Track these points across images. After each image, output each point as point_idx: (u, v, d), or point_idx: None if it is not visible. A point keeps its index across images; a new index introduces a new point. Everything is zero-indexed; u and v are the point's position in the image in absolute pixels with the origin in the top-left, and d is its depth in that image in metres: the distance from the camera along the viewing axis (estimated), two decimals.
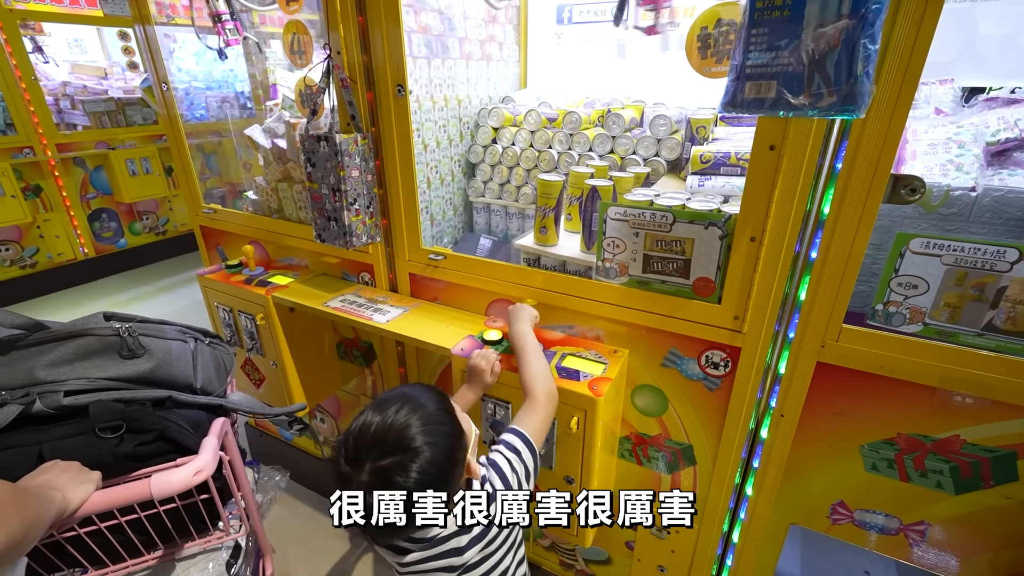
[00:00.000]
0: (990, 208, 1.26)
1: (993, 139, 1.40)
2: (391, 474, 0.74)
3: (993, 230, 1.27)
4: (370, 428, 0.77)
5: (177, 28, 3.56)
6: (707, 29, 0.91)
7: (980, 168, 1.33)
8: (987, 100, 1.57)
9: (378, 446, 0.76)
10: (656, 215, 1.06)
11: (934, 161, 1.37)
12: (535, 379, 1.02)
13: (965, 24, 1.63)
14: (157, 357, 1.03)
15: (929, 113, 1.63)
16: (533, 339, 1.11)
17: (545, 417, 0.99)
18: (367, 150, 1.33)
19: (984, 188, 1.26)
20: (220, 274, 1.67)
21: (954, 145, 1.40)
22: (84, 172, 4.10)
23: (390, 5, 1.19)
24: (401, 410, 0.79)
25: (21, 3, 3.59)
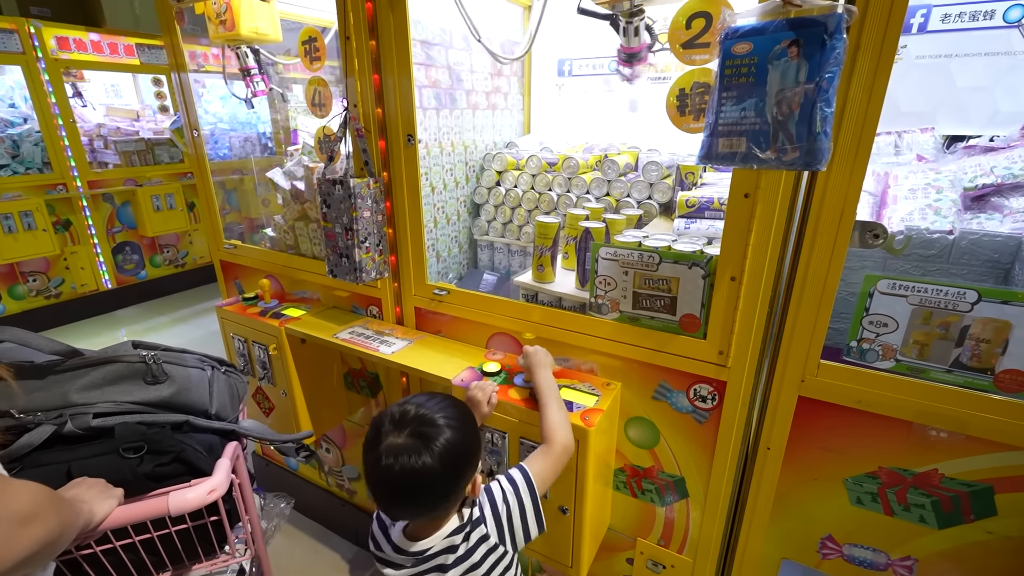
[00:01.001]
0: (967, 250, 1.32)
1: (971, 185, 1.47)
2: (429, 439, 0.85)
3: (972, 271, 1.33)
4: (410, 411, 0.89)
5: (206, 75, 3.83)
6: (684, 90, 1.01)
7: (957, 212, 1.40)
8: (966, 148, 1.65)
9: (418, 419, 0.88)
10: (644, 255, 1.14)
11: (914, 205, 1.45)
12: (555, 429, 1.06)
13: (944, 76, 1.73)
14: (178, 383, 1.11)
15: (911, 159, 1.72)
16: (554, 386, 1.15)
17: (555, 465, 1.03)
18: (378, 193, 1.43)
19: (961, 231, 1.32)
20: (237, 306, 1.77)
21: (932, 190, 1.47)
22: (112, 207, 4.32)
23: (402, 64, 1.32)
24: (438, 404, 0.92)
25: (66, 53, 3.89)
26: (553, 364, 1.23)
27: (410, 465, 0.83)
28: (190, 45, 2.41)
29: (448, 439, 0.86)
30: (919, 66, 1.75)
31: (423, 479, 0.84)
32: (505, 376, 1.29)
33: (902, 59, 1.76)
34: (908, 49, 1.75)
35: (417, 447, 0.84)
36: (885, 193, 1.55)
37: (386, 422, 0.88)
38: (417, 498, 0.87)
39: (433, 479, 0.85)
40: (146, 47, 4.35)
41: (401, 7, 1.26)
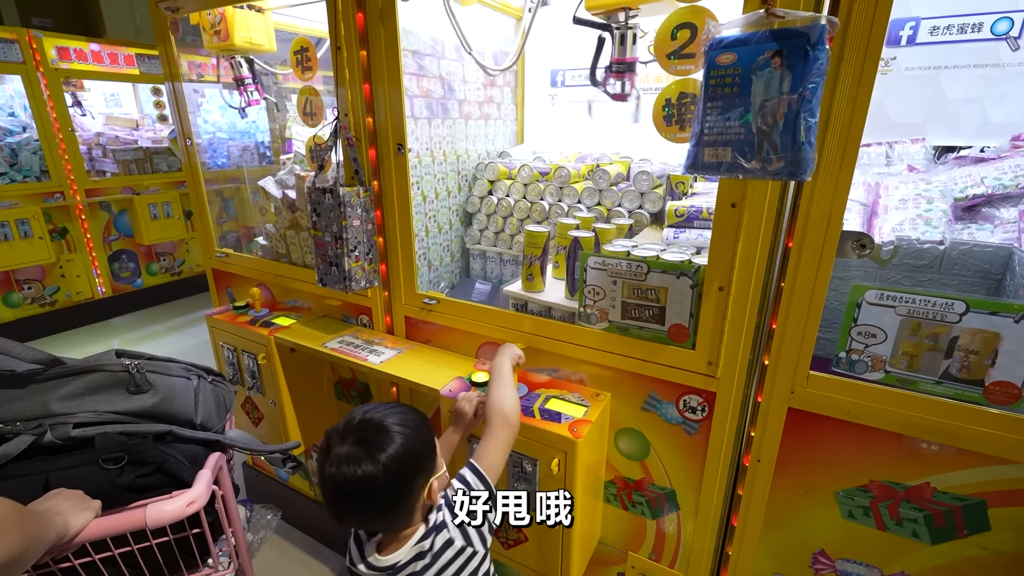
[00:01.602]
0: (958, 260, 1.32)
1: (961, 195, 1.47)
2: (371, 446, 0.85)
3: (963, 281, 1.33)
4: (356, 418, 0.90)
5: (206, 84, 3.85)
6: (671, 100, 1.01)
7: (948, 222, 1.40)
8: (957, 159, 1.65)
9: (364, 426, 0.88)
10: (632, 265, 1.13)
11: (904, 215, 1.45)
12: (492, 405, 1.07)
13: (933, 87, 1.74)
14: (161, 393, 1.10)
15: (902, 170, 1.72)
16: (506, 370, 1.16)
17: (500, 444, 1.03)
18: (368, 202, 1.43)
19: (952, 241, 1.32)
20: (227, 315, 1.76)
21: (923, 200, 1.47)
22: (109, 215, 4.32)
23: (393, 74, 1.32)
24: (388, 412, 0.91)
25: (66, 62, 3.91)
26: (517, 358, 1.23)
27: (351, 474, 0.82)
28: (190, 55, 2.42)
29: (394, 446, 0.85)
30: (909, 78, 1.76)
31: (363, 488, 0.83)
32: None
33: (891, 71, 1.77)
34: (898, 61, 1.76)
35: (358, 455, 0.83)
36: (876, 203, 1.55)
37: (334, 432, 0.88)
38: (361, 507, 0.87)
39: (376, 487, 0.84)
40: (146, 57, 4.38)
41: (391, 18, 1.27)
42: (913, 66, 1.74)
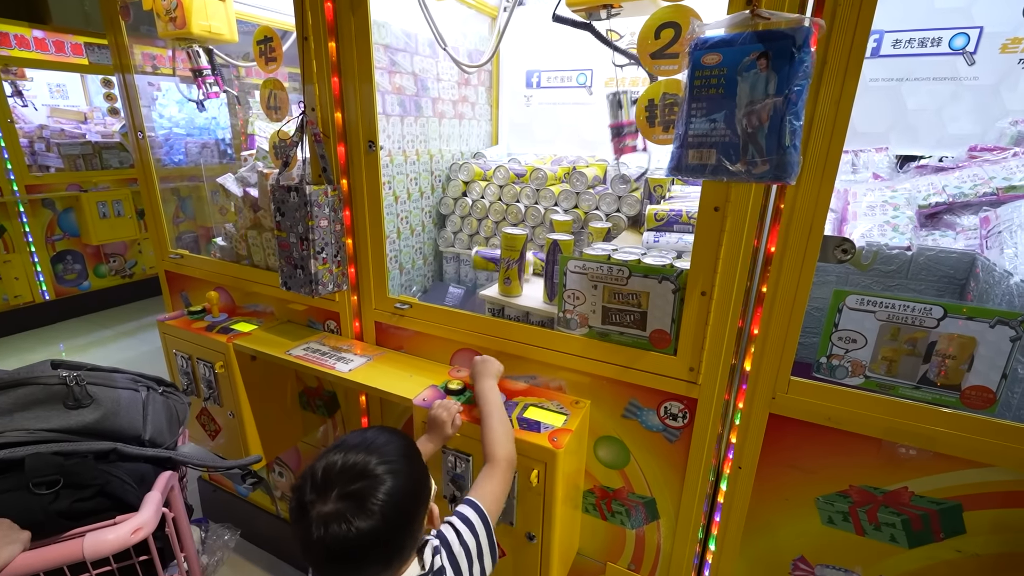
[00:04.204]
0: (925, 266, 1.35)
1: (924, 203, 1.52)
2: (362, 497, 0.72)
3: (929, 286, 1.36)
4: (336, 464, 0.75)
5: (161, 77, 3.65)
6: (653, 101, 0.99)
7: (914, 229, 1.44)
8: (918, 167, 1.71)
9: (345, 474, 0.74)
10: (613, 269, 1.11)
11: (873, 222, 1.48)
12: (497, 444, 0.99)
13: (896, 98, 1.80)
14: (104, 407, 1.00)
15: (868, 177, 1.77)
16: (498, 398, 1.10)
17: (503, 484, 0.97)
18: (336, 201, 1.36)
19: (918, 248, 1.35)
20: (181, 320, 1.64)
21: (890, 207, 1.51)
22: (52, 214, 4.04)
23: (364, 67, 1.26)
24: (369, 447, 0.79)
25: (5, 49, 3.64)
26: (500, 374, 1.19)
27: (345, 534, 0.70)
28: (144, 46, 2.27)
29: (389, 490, 0.74)
30: (873, 88, 1.81)
31: (363, 545, 0.71)
32: (469, 395, 1.23)
33: None
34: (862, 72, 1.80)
35: (349, 511, 0.71)
36: (845, 209, 1.59)
37: (307, 487, 0.74)
38: (359, 566, 0.74)
39: (377, 540, 0.72)
40: (96, 46, 4.13)
41: (363, 8, 1.21)
42: (877, 77, 1.80)
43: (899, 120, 1.82)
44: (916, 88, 1.77)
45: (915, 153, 1.81)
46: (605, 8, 1.17)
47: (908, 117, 1.81)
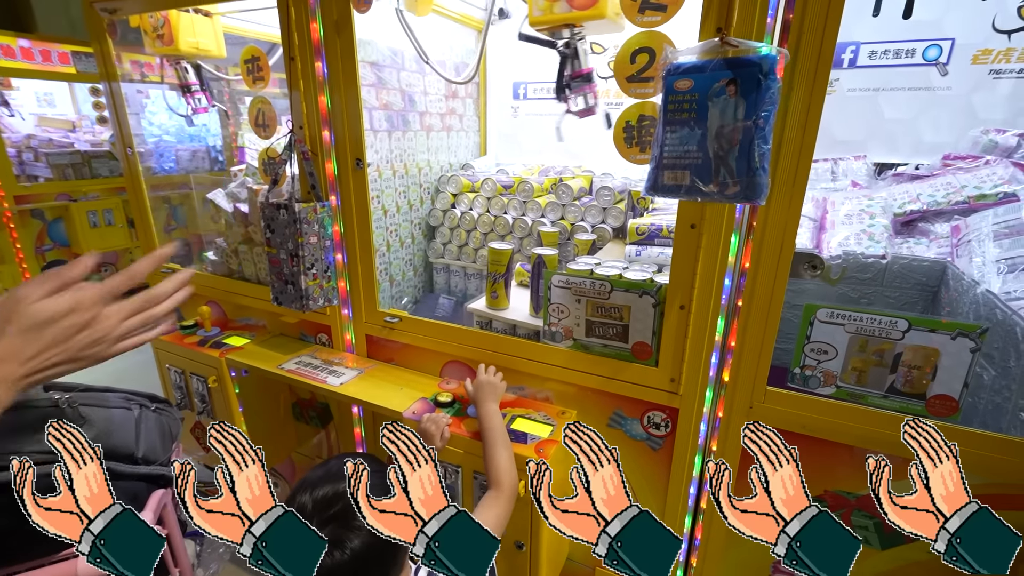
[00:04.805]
0: (899, 274, 1.39)
1: (900, 211, 1.56)
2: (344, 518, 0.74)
3: (903, 294, 1.40)
4: (307, 504, 0.77)
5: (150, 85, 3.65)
6: (631, 123, 1.02)
7: (889, 237, 1.48)
8: (895, 175, 1.75)
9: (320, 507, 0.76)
10: (596, 283, 1.14)
11: (850, 230, 1.52)
12: (503, 472, 1.01)
13: (873, 108, 1.84)
14: (97, 427, 1.02)
15: (847, 185, 1.81)
16: (501, 424, 1.11)
17: (507, 511, 0.98)
18: (326, 218, 1.38)
19: (892, 256, 1.40)
20: (173, 335, 1.66)
21: (867, 216, 1.55)
22: (42, 223, 4.01)
23: (350, 86, 1.28)
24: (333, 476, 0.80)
25: None
26: (502, 394, 1.20)
27: (340, 559, 0.72)
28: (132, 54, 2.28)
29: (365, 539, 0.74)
30: (851, 98, 1.86)
31: (359, 560, 0.73)
32: (459, 407, 1.26)
33: (835, 91, 1.86)
34: (841, 82, 1.85)
35: (337, 535, 0.73)
36: (824, 218, 1.63)
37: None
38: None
39: (371, 553, 0.74)
40: (83, 55, 4.11)
41: (348, 29, 1.23)
42: (855, 87, 1.84)
43: (877, 129, 1.87)
44: (892, 98, 1.82)
45: (893, 161, 1.86)
46: (567, 27, 1.20)
47: (885, 126, 1.86)
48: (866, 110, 1.85)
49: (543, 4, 1.15)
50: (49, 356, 0.60)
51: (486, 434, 1.09)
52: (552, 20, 1.17)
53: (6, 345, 0.57)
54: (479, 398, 1.16)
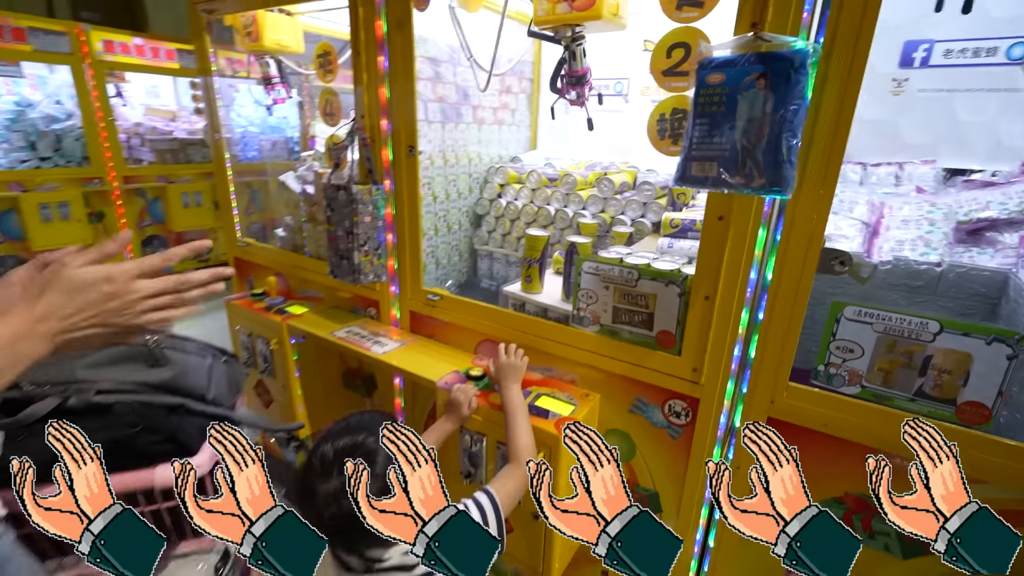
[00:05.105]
0: (955, 283, 1.33)
1: (965, 219, 1.47)
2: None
3: (959, 304, 1.33)
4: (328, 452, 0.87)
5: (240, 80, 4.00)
6: (664, 115, 1.05)
7: (947, 245, 1.40)
8: (966, 181, 1.65)
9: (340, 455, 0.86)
10: (624, 271, 1.18)
11: (905, 236, 1.46)
12: (523, 448, 1.07)
13: (946, 109, 1.74)
14: (176, 368, 1.18)
15: (911, 190, 1.72)
16: (523, 403, 1.17)
17: (523, 485, 1.03)
18: (380, 199, 1.50)
19: (949, 264, 1.33)
20: (244, 301, 1.85)
21: (926, 222, 1.48)
22: (144, 202, 4.51)
23: (407, 79, 1.39)
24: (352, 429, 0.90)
25: (111, 55, 4.12)
26: (523, 374, 1.24)
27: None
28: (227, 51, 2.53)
29: (382, 455, 0.84)
30: (921, 99, 1.76)
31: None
32: (487, 381, 1.33)
33: (904, 92, 1.77)
34: (911, 82, 1.76)
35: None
36: (879, 223, 1.56)
37: (311, 476, 0.85)
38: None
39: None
40: (186, 52, 4.57)
41: (407, 27, 1.34)
42: (926, 87, 1.74)
43: (949, 132, 1.76)
44: (969, 99, 1.71)
45: (965, 167, 1.74)
46: (569, 27, 1.28)
47: (959, 129, 1.74)
48: (938, 112, 1.75)
49: (547, 5, 1.23)
50: (82, 317, 0.66)
51: (508, 413, 1.15)
52: (554, 20, 1.26)
53: (46, 303, 0.65)
54: (501, 379, 1.22)
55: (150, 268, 0.71)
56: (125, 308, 0.69)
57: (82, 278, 0.66)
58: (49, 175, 3.88)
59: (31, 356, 0.64)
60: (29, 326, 0.63)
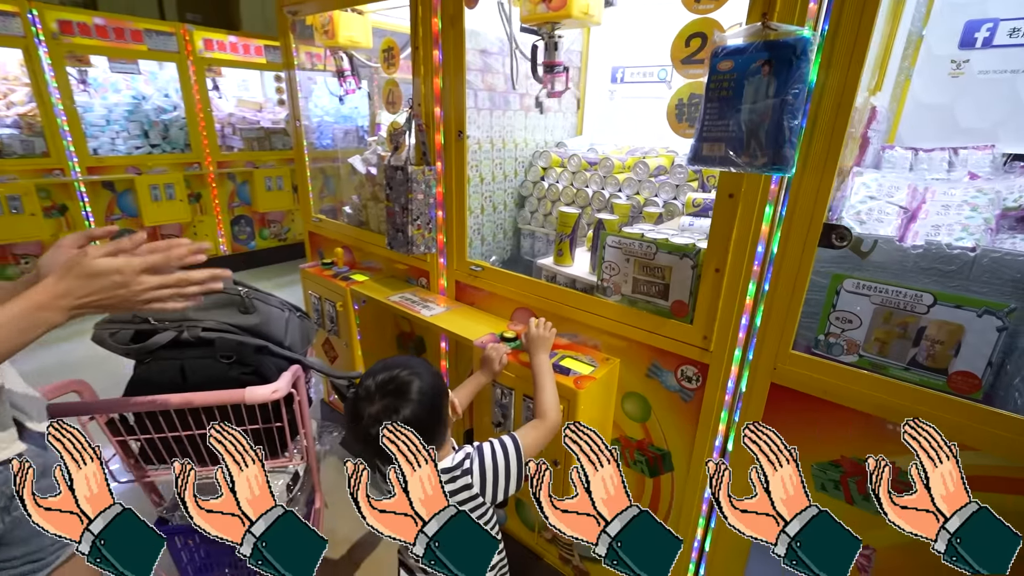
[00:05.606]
0: (989, 268, 1.31)
1: (1014, 205, 1.43)
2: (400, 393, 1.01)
3: (993, 290, 1.31)
4: (371, 385, 1.03)
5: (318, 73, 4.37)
6: (682, 100, 1.15)
7: (987, 231, 1.38)
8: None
9: (383, 385, 1.03)
10: (643, 245, 1.28)
11: (943, 220, 1.44)
12: (549, 407, 1.20)
13: (1009, 92, 1.67)
14: (262, 316, 1.43)
15: (963, 176, 1.67)
16: (550, 370, 1.29)
17: (544, 438, 1.16)
18: (432, 180, 1.69)
19: (983, 249, 1.32)
20: (316, 269, 2.12)
21: (968, 207, 1.45)
22: (233, 185, 5.04)
23: (458, 70, 1.56)
24: (392, 367, 1.06)
25: (210, 52, 4.62)
26: (551, 345, 1.36)
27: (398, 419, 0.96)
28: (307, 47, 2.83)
29: (418, 387, 1.00)
30: (982, 81, 1.70)
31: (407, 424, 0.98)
32: (519, 343, 1.49)
33: (963, 74, 1.72)
34: (971, 64, 1.70)
35: (393, 404, 0.97)
36: (919, 208, 1.54)
37: (359, 401, 1.01)
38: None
39: (417, 421, 0.97)
40: (272, 48, 5.02)
41: (459, 23, 1.50)
42: (988, 69, 1.68)
43: (1012, 115, 1.68)
44: None
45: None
46: (549, 24, 1.51)
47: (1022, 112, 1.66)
48: (1000, 94, 1.68)
49: (529, 6, 1.45)
50: (94, 299, 0.79)
51: (536, 377, 1.27)
52: (536, 18, 1.48)
53: (67, 284, 0.77)
54: (531, 349, 1.34)
55: (153, 265, 0.82)
56: (128, 297, 0.81)
57: (98, 268, 0.78)
58: (158, 160, 4.44)
59: (50, 323, 0.78)
60: (51, 300, 0.77)
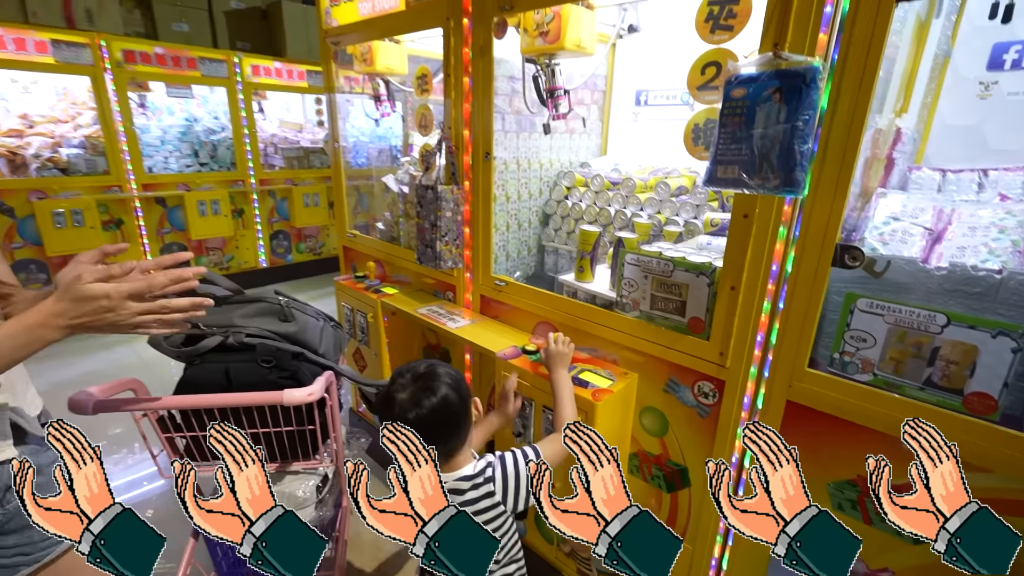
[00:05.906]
0: (1016, 291, 1.30)
1: None
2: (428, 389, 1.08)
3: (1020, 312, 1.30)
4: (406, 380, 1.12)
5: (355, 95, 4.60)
6: (698, 125, 1.20)
7: (1016, 253, 1.37)
8: None
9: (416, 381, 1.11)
10: (661, 263, 1.33)
11: (969, 242, 1.43)
12: (567, 421, 1.25)
13: None
14: (299, 324, 1.53)
15: (993, 198, 1.65)
16: (570, 385, 1.34)
17: (564, 451, 1.17)
18: (460, 198, 1.78)
19: (1010, 271, 1.30)
20: (349, 281, 2.23)
21: (995, 229, 1.44)
22: (273, 201, 5.30)
23: (486, 96, 1.65)
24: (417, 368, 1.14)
25: (257, 77, 4.92)
26: (570, 360, 1.40)
27: (431, 403, 1.05)
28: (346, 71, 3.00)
29: (446, 382, 1.09)
30: (1012, 103, 1.69)
31: (433, 414, 1.04)
32: (540, 355, 1.54)
33: (992, 96, 1.71)
34: (1000, 85, 1.69)
35: (420, 396, 1.06)
36: (945, 230, 1.53)
37: (394, 389, 1.10)
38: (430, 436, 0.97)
39: (440, 414, 1.04)
40: (313, 72, 5.31)
41: (488, 52, 1.60)
42: (1017, 91, 1.67)
43: None
44: None
45: None
46: (546, 55, 1.65)
47: None
48: None
49: (528, 39, 1.63)
50: (86, 320, 0.86)
51: (555, 392, 1.32)
52: (535, 50, 1.63)
53: (62, 305, 0.85)
54: (550, 365, 1.38)
55: (138, 291, 0.88)
56: (116, 321, 0.88)
57: (88, 293, 0.85)
58: (206, 177, 4.72)
59: (46, 340, 0.85)
60: (48, 319, 0.85)
